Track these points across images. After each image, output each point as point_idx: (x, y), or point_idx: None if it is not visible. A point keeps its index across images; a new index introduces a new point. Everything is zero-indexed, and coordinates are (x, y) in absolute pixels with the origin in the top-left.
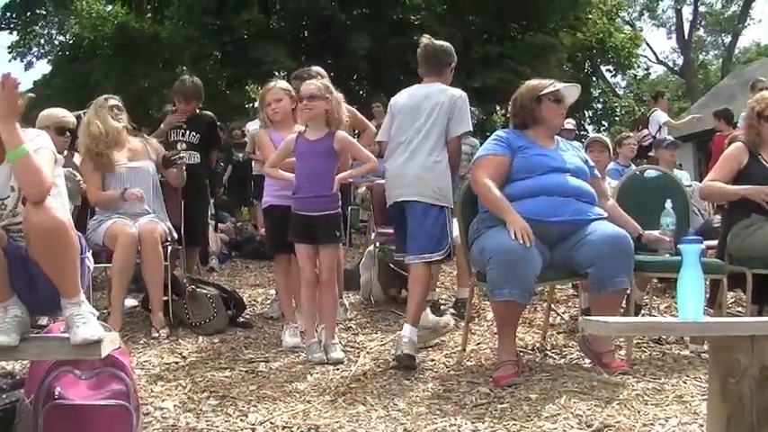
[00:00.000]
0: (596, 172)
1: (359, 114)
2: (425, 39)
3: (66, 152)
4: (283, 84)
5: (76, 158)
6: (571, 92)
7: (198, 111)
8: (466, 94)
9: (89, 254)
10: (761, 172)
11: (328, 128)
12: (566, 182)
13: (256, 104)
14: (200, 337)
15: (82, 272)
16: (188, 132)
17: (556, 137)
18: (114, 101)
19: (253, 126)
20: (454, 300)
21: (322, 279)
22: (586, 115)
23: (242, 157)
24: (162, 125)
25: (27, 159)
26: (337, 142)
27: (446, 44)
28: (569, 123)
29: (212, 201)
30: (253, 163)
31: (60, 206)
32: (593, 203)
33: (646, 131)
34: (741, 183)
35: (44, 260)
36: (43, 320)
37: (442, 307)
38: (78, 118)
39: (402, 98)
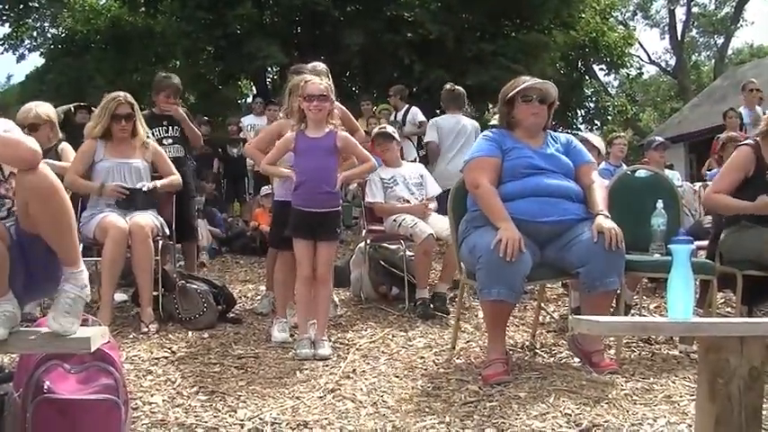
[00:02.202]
0: (589, 157)
1: (350, 115)
2: (449, 85)
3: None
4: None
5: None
6: (544, 88)
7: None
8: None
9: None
10: (763, 187)
11: (327, 126)
12: (554, 182)
13: (249, 100)
14: (190, 333)
15: None
16: (170, 128)
17: (545, 132)
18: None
19: (248, 120)
20: (432, 294)
21: (318, 274)
22: (578, 114)
23: (236, 153)
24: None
25: None
26: (340, 140)
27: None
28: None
29: (202, 196)
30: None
31: (47, 167)
32: (582, 202)
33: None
34: (744, 193)
35: (45, 224)
36: (34, 314)
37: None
38: (67, 113)
39: (443, 122)
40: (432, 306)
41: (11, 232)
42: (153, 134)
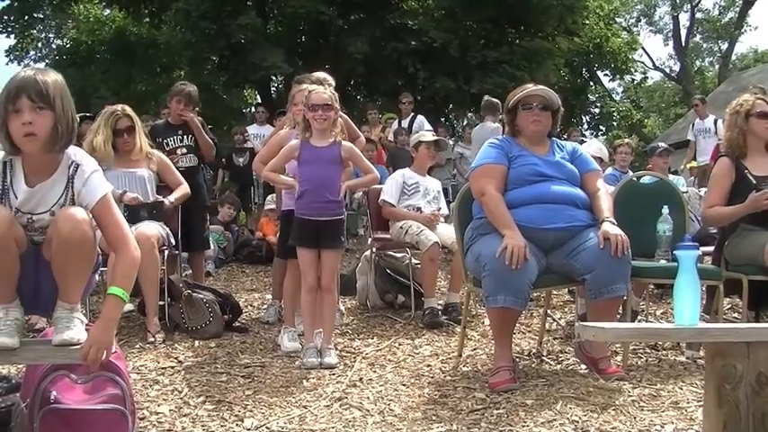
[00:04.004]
0: (595, 165)
1: (352, 123)
2: (487, 96)
3: None
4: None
5: None
6: (546, 95)
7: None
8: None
9: (97, 274)
10: (748, 190)
11: (332, 135)
12: (559, 189)
13: (254, 109)
14: (196, 342)
15: (88, 285)
16: (185, 137)
17: (551, 140)
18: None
19: (252, 130)
20: (444, 305)
21: (323, 283)
22: (583, 120)
23: (242, 162)
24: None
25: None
26: (345, 151)
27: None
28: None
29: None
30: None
31: (88, 218)
32: (588, 209)
33: None
34: (734, 201)
35: (58, 267)
36: (40, 324)
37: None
38: None
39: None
40: (445, 316)
41: (33, 242)
42: (168, 143)
